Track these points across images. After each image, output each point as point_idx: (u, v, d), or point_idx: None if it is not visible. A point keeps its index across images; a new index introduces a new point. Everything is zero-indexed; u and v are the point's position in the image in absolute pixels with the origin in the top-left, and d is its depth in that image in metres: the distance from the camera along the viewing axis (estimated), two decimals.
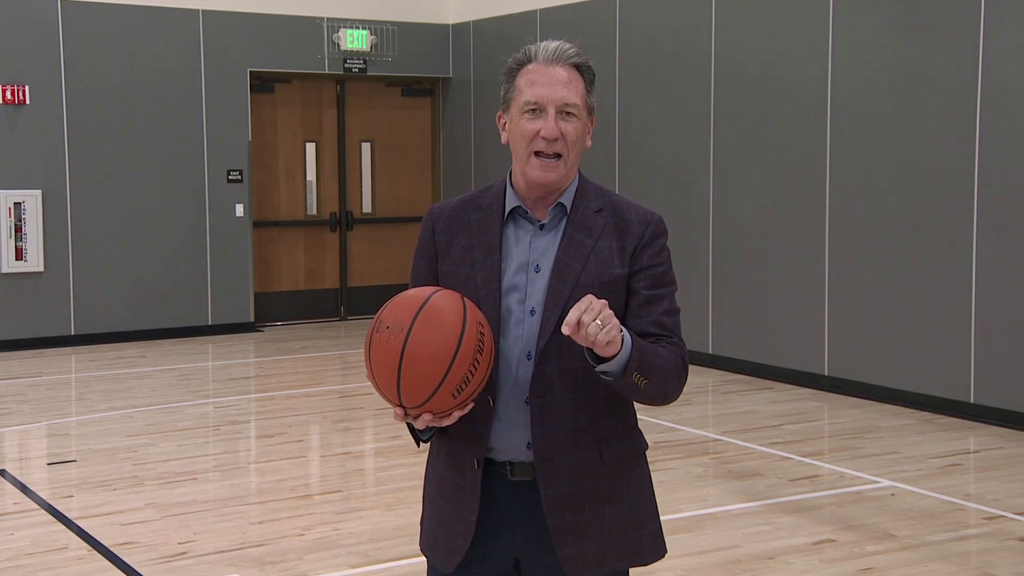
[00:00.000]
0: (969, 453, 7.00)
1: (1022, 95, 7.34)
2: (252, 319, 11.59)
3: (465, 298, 2.42)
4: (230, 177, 11.36)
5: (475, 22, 11.98)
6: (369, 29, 11.92)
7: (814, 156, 8.62)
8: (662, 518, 2.73)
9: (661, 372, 2.42)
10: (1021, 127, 7.35)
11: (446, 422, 2.42)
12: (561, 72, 2.49)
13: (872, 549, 5.20)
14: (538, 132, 2.47)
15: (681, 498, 5.96)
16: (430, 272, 2.60)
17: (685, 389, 2.59)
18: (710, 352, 9.53)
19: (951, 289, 7.75)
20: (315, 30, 11.72)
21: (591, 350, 2.33)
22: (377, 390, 2.41)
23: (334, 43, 11.78)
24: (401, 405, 2.38)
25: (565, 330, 2.25)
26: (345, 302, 12.29)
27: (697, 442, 7.19)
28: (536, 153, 2.48)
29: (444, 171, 12.53)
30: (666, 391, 2.47)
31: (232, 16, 11.29)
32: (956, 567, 5.01)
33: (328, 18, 11.76)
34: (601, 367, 2.35)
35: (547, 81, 2.48)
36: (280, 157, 12.00)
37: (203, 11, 11.15)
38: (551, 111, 2.47)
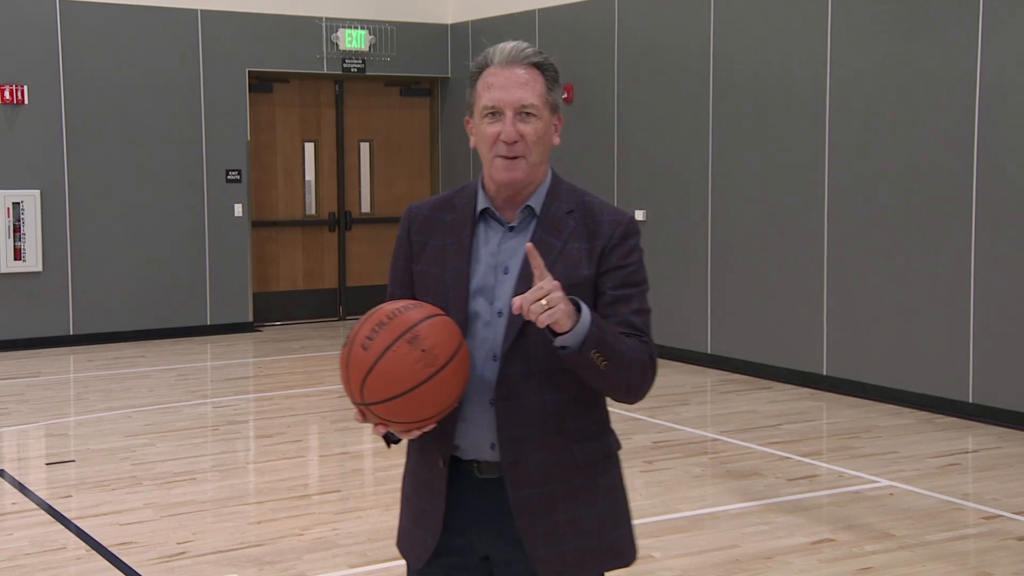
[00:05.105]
0: (967, 453, 7.01)
1: (1021, 95, 7.34)
2: (251, 319, 11.59)
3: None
4: (229, 177, 11.36)
5: (473, 22, 11.98)
6: (368, 29, 11.92)
7: (813, 156, 8.62)
8: (660, 518, 2.73)
9: (623, 357, 2.39)
10: (1019, 127, 7.36)
11: (405, 436, 2.48)
12: (519, 73, 2.48)
13: (870, 549, 5.20)
14: (498, 135, 2.47)
15: (679, 498, 5.96)
16: (406, 271, 2.62)
17: (684, 388, 2.60)
18: (708, 352, 9.53)
19: (949, 289, 7.76)
20: (314, 30, 11.72)
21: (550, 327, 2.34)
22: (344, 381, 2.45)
23: (332, 43, 11.78)
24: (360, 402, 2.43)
25: (515, 309, 2.29)
26: (344, 302, 12.29)
27: (695, 442, 7.19)
28: (499, 156, 2.48)
29: (442, 171, 12.53)
30: (630, 380, 2.44)
31: (231, 16, 11.29)
32: (954, 567, 5.01)
33: (327, 18, 11.76)
34: (559, 341, 2.33)
35: (503, 84, 2.47)
36: (279, 157, 12.00)
37: (202, 11, 11.15)
38: (509, 114, 2.46)
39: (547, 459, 2.48)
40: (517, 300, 2.29)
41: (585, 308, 2.34)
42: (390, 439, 2.56)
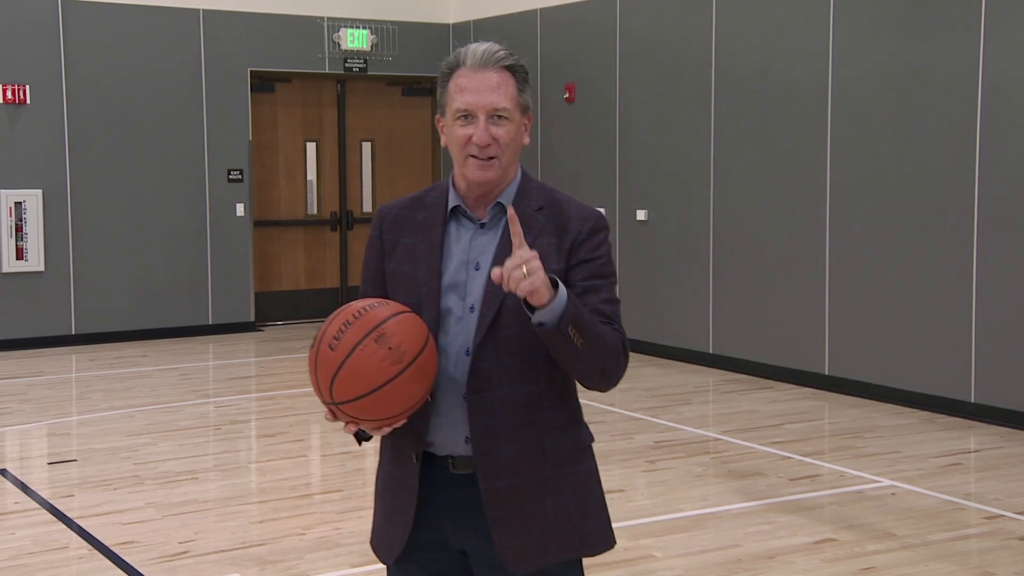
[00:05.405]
0: (969, 452, 7.01)
1: (1022, 94, 7.34)
2: (252, 318, 11.59)
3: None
4: (231, 176, 11.37)
5: (475, 22, 11.99)
6: (369, 29, 11.92)
7: (814, 156, 8.62)
8: (662, 517, 2.72)
9: (599, 339, 2.42)
10: (1021, 126, 7.35)
11: (376, 433, 2.50)
12: (491, 76, 2.51)
13: (872, 548, 5.20)
14: (470, 138, 2.50)
15: (681, 497, 5.96)
16: (378, 271, 2.66)
17: (686, 388, 2.61)
18: (710, 351, 9.53)
19: (951, 288, 7.75)
20: (315, 29, 11.72)
21: (527, 301, 2.36)
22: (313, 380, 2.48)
23: (334, 42, 11.79)
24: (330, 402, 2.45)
25: (494, 278, 2.33)
26: (345, 301, 12.25)
27: (697, 441, 7.19)
28: (471, 156, 2.51)
29: (444, 171, 12.54)
30: (604, 363, 2.46)
31: (232, 16, 11.29)
32: (956, 566, 5.01)
33: (328, 17, 11.76)
34: (537, 317, 2.36)
35: (476, 87, 2.50)
36: (280, 156, 12.01)
37: (203, 10, 11.16)
38: (481, 117, 2.49)
39: (518, 451, 2.51)
40: (497, 270, 2.33)
41: (562, 285, 2.38)
42: (361, 437, 2.58)
